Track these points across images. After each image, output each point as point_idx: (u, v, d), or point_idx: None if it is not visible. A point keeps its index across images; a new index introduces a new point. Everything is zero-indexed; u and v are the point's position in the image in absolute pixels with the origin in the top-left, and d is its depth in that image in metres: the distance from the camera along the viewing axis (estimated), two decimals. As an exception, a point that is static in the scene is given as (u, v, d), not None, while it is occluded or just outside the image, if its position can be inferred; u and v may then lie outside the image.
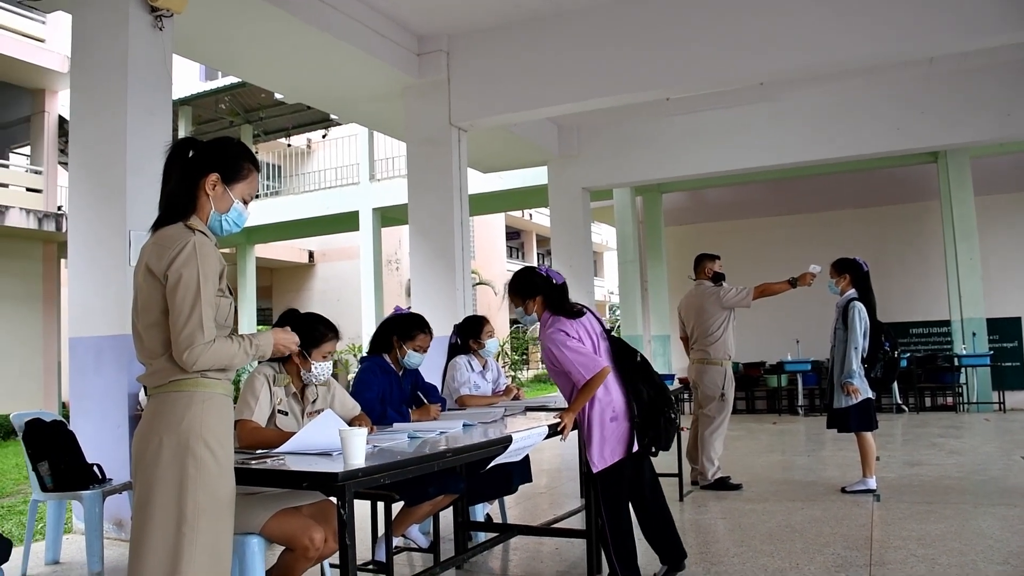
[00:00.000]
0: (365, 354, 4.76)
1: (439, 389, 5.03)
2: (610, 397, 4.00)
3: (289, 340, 2.81)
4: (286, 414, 3.48)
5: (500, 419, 4.27)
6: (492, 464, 3.51)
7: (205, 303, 2.45)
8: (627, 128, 11.58)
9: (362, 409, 3.90)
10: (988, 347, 12.42)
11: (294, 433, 3.14)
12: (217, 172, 2.61)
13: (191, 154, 2.63)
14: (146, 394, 2.56)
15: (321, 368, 3.55)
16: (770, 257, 14.84)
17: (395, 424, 4.04)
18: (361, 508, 3.33)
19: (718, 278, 6.96)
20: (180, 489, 2.40)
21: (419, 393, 4.64)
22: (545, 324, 4.10)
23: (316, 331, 3.52)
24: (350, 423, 3.62)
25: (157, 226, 2.58)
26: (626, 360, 4.12)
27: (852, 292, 6.40)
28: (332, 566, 3.94)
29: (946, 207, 12.44)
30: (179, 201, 2.59)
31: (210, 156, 2.63)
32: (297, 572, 3.22)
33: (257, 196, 2.80)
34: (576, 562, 4.61)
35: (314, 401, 3.64)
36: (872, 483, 6.25)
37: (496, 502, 5.50)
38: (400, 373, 4.56)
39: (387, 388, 4.41)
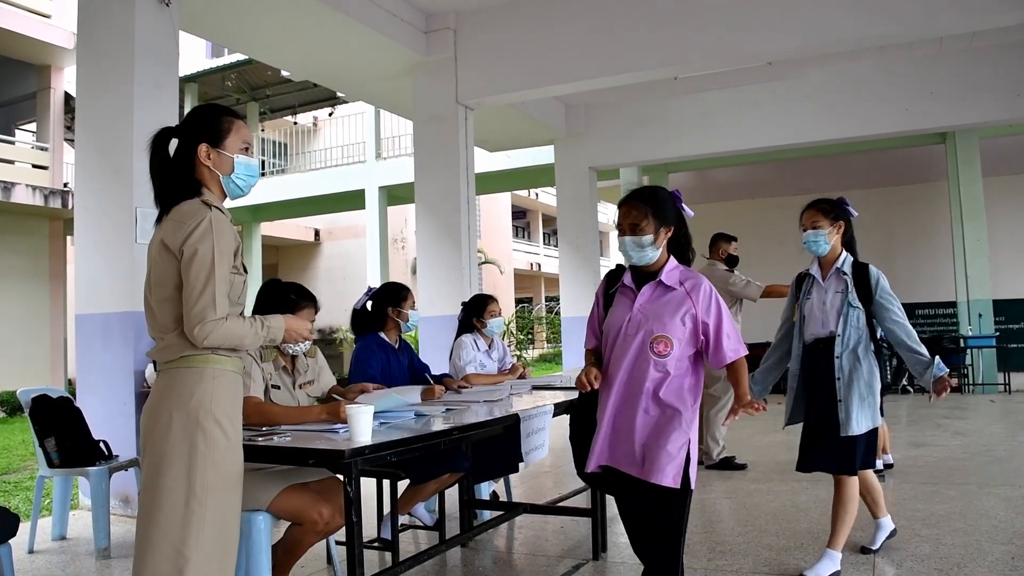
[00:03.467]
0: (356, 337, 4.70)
1: (447, 368, 5.03)
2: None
3: (301, 328, 2.78)
4: (278, 388, 3.53)
5: (506, 397, 4.27)
6: (526, 450, 3.50)
7: (219, 279, 2.45)
8: (634, 107, 11.52)
9: None
10: (994, 328, 12.40)
11: (299, 407, 3.14)
12: (203, 142, 2.60)
13: (172, 140, 2.63)
14: (156, 369, 2.56)
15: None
16: (776, 238, 14.76)
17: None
18: (367, 486, 3.34)
19: (732, 261, 6.85)
20: (189, 465, 2.41)
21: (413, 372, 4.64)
22: (692, 274, 3.26)
23: (287, 300, 3.52)
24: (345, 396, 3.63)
25: (168, 205, 2.57)
26: None
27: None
28: (338, 543, 3.96)
29: (954, 188, 12.36)
30: (185, 183, 2.58)
31: (190, 131, 2.61)
32: (304, 546, 3.25)
33: (263, 174, 2.74)
34: (581, 540, 4.63)
35: (305, 372, 3.69)
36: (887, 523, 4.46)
37: (501, 480, 5.52)
38: (396, 346, 4.57)
39: (386, 364, 4.42)
